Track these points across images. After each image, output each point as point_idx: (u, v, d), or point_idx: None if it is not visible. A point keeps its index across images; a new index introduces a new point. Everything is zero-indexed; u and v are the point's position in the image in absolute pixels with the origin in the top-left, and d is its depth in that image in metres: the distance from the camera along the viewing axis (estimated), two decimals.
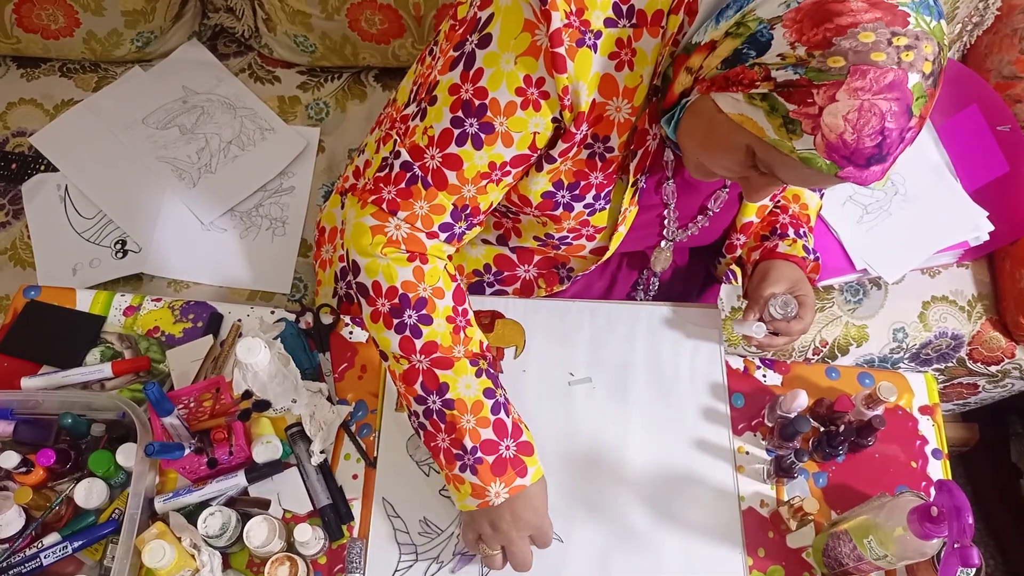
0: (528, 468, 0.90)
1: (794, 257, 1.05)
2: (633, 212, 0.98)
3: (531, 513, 0.90)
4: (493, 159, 0.86)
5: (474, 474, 0.88)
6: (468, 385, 0.89)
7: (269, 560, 0.91)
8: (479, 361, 0.91)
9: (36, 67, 1.60)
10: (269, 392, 0.95)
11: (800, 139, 0.70)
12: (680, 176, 0.98)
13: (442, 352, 0.89)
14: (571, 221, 0.96)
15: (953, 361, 1.47)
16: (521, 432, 0.92)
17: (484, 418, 0.89)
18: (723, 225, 1.09)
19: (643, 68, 0.83)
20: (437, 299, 0.90)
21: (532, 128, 0.84)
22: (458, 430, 0.88)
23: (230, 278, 1.40)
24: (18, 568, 0.90)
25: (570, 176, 0.91)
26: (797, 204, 1.12)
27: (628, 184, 0.93)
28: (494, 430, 0.89)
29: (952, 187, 1.45)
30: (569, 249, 1.03)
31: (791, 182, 0.79)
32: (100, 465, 0.93)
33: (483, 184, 0.88)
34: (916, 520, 0.81)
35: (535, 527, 0.91)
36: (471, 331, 0.92)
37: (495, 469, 0.88)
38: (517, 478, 0.89)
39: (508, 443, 0.90)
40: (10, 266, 1.39)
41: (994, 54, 1.56)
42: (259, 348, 0.92)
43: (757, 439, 1.05)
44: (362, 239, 0.90)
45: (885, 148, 0.69)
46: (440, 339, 0.89)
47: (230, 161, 1.49)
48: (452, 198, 0.89)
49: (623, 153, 0.90)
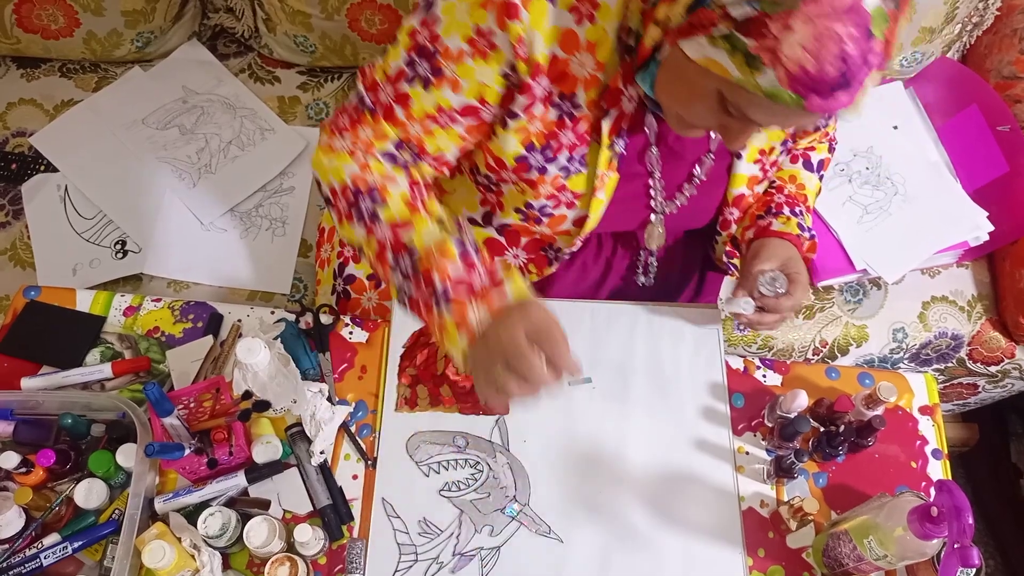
0: (506, 287, 0.84)
1: (788, 235, 1.03)
2: (613, 179, 0.97)
3: (524, 323, 0.80)
4: (440, 103, 0.89)
5: (448, 311, 0.83)
6: (430, 233, 0.88)
7: (269, 560, 0.91)
8: (443, 219, 0.90)
9: (36, 67, 1.60)
10: (269, 392, 0.95)
11: (763, 75, 0.69)
12: (664, 143, 0.97)
13: (402, 222, 0.89)
14: (548, 186, 0.96)
15: (953, 361, 1.47)
16: (494, 261, 0.87)
17: (451, 256, 0.85)
18: (714, 202, 1.07)
19: (606, 22, 0.84)
20: (390, 184, 0.92)
21: (479, 78, 0.87)
22: (429, 274, 0.85)
23: (230, 278, 1.40)
24: (18, 568, 0.90)
25: (541, 138, 0.92)
26: (794, 184, 1.11)
27: (603, 146, 0.93)
28: (462, 263, 0.85)
29: (952, 187, 1.45)
30: (551, 222, 1.01)
31: (765, 122, 0.77)
32: (100, 465, 0.93)
33: (429, 125, 0.91)
34: (916, 520, 0.81)
35: (538, 331, 0.80)
36: (432, 205, 0.92)
37: (470, 296, 0.83)
38: (495, 297, 0.83)
39: (479, 272, 0.85)
40: (10, 266, 1.39)
41: (994, 54, 1.56)
42: (259, 348, 0.92)
43: (757, 439, 1.05)
44: (316, 156, 0.96)
45: (848, 74, 0.68)
46: (399, 215, 0.90)
47: (230, 161, 1.49)
48: (397, 131, 0.92)
49: (594, 112, 0.90)
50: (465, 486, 1.00)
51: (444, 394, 1.05)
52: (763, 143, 1.00)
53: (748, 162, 1.01)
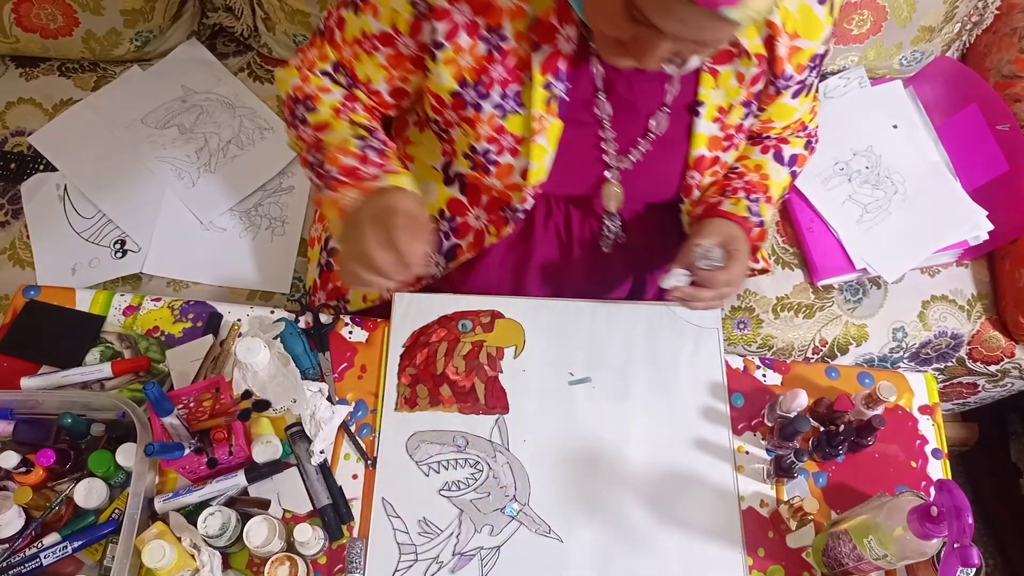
0: (385, 177, 0.91)
1: (734, 215, 1.02)
2: (556, 125, 0.97)
3: (390, 198, 0.86)
4: (364, 27, 0.97)
5: (329, 190, 0.93)
6: (341, 133, 0.97)
7: (269, 560, 0.91)
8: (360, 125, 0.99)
9: (35, 66, 1.59)
10: (269, 392, 0.95)
11: None
12: (614, 93, 0.97)
13: (323, 125, 0.99)
14: (486, 126, 0.97)
15: (953, 360, 1.47)
16: (388, 160, 0.95)
17: (348, 150, 0.94)
18: (675, 166, 1.05)
19: None
20: (323, 94, 1.01)
21: (392, 4, 0.93)
22: (326, 162, 0.95)
23: (229, 278, 1.39)
24: (18, 568, 0.90)
25: (473, 73, 0.94)
26: (757, 173, 1.10)
27: (536, 84, 0.93)
28: (358, 160, 0.94)
29: (951, 186, 1.45)
30: (499, 171, 1.01)
31: (668, 27, 0.77)
32: (100, 465, 0.93)
33: (357, 50, 0.99)
34: (916, 520, 0.81)
35: (395, 213, 0.83)
36: (357, 116, 1.00)
37: (350, 183, 0.92)
38: (368, 182, 0.91)
39: (370, 168, 0.93)
40: (9, 266, 1.39)
41: (993, 53, 1.56)
42: (259, 348, 0.92)
43: (757, 439, 1.05)
44: (276, 72, 1.08)
45: None
46: (323, 119, 0.99)
47: (229, 160, 1.49)
48: (335, 53, 1.02)
49: (523, 46, 0.92)
50: (465, 486, 1.00)
51: (444, 394, 1.05)
52: (721, 100, 0.99)
53: (707, 120, 1.00)
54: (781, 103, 1.05)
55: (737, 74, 0.97)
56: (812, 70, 1.02)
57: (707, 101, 0.99)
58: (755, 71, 0.97)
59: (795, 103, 1.06)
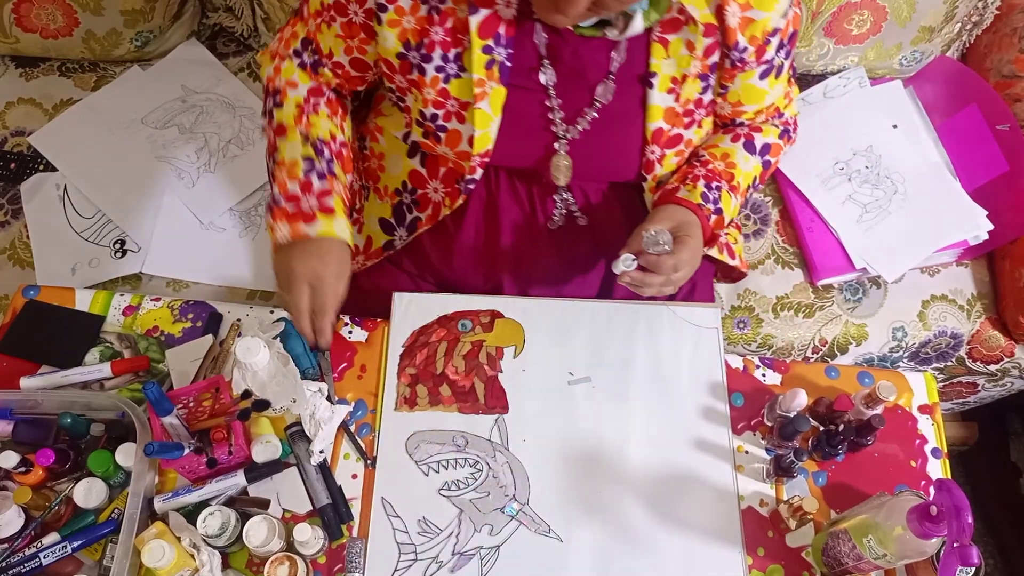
0: (317, 221, 0.98)
1: (688, 202, 1.02)
2: (499, 91, 0.98)
3: (312, 261, 0.97)
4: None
5: (269, 213, 1.01)
6: (293, 149, 1.03)
7: (269, 560, 0.91)
8: (312, 139, 1.04)
9: (35, 67, 1.59)
10: (268, 392, 0.95)
11: None
12: (560, 61, 0.98)
13: (284, 127, 1.05)
14: (431, 90, 0.99)
15: (952, 360, 1.47)
16: (329, 195, 1.01)
17: (294, 175, 1.01)
18: (631, 140, 1.04)
19: None
20: (289, 88, 1.07)
21: None
22: (275, 182, 1.02)
23: (229, 277, 1.39)
24: (17, 568, 0.90)
25: (415, 35, 0.97)
26: (724, 162, 1.09)
27: (475, 47, 0.94)
28: (300, 187, 1.00)
29: (951, 186, 1.45)
30: (448, 139, 1.03)
31: None
32: (99, 465, 0.93)
33: (318, 22, 1.04)
34: (915, 519, 0.81)
35: (313, 276, 0.97)
36: (315, 118, 1.06)
37: (289, 217, 0.99)
38: (302, 223, 0.98)
39: (310, 199, 1.00)
40: (9, 266, 1.39)
41: (993, 53, 1.55)
42: (258, 348, 0.92)
43: (756, 438, 1.05)
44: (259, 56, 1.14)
45: None
46: (284, 120, 1.05)
47: (229, 160, 1.49)
48: (304, 29, 1.07)
49: (460, 8, 0.93)
50: (464, 485, 1.00)
51: (443, 393, 1.05)
52: (673, 70, 0.99)
53: (661, 92, 1.00)
54: (749, 84, 1.04)
55: (687, 43, 0.97)
56: (779, 49, 1.01)
57: (659, 71, 0.99)
58: (707, 42, 0.97)
59: (764, 85, 1.05)
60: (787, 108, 1.15)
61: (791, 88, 1.14)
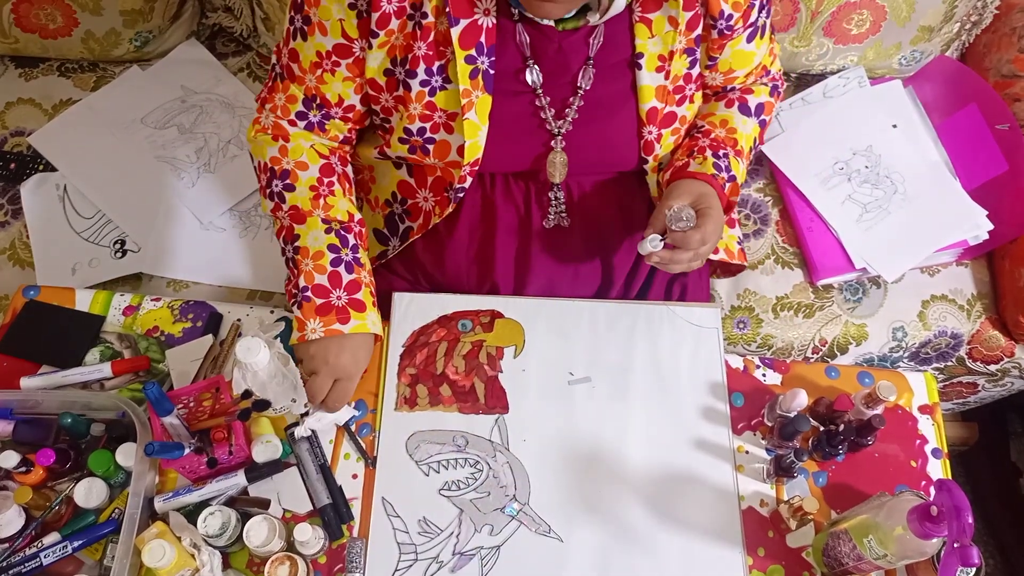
0: (351, 320, 1.00)
1: (702, 175, 1.02)
2: (485, 99, 0.98)
3: (344, 357, 0.99)
4: (318, 48, 0.99)
5: (299, 309, 1.00)
6: (316, 238, 1.02)
7: (269, 560, 0.91)
8: (334, 224, 1.04)
9: (34, 67, 1.59)
10: (269, 392, 0.95)
11: None
12: (543, 60, 0.99)
13: (302, 212, 1.03)
14: (417, 105, 0.99)
15: (952, 360, 1.47)
16: (359, 289, 1.02)
17: (321, 266, 1.01)
18: (626, 126, 1.04)
19: None
20: (300, 171, 1.04)
21: (336, 15, 0.95)
22: (299, 273, 1.02)
23: (229, 277, 1.39)
24: (18, 568, 0.90)
25: (402, 51, 0.97)
26: (724, 128, 1.10)
27: (458, 58, 0.95)
28: (328, 279, 1.01)
29: (951, 186, 1.45)
30: (436, 151, 1.03)
31: None
32: (100, 465, 0.93)
33: (319, 73, 1.01)
34: (916, 519, 0.81)
35: (343, 373, 0.99)
36: (333, 200, 1.05)
37: (319, 310, 0.99)
38: (337, 323, 0.99)
39: (340, 294, 1.01)
40: (9, 266, 1.39)
41: (993, 53, 1.55)
42: (259, 348, 0.92)
43: (757, 438, 1.05)
44: (248, 131, 1.09)
45: None
46: (301, 204, 1.03)
47: (229, 160, 1.49)
48: (301, 88, 1.04)
49: (441, 21, 0.94)
50: (465, 485, 1.00)
51: (444, 393, 1.05)
52: (660, 49, 0.99)
53: (650, 72, 1.00)
54: (739, 49, 1.05)
55: (670, 19, 0.97)
56: (761, 10, 1.02)
57: (646, 52, 0.99)
58: (688, 15, 0.97)
59: (751, 47, 1.06)
60: (772, 64, 1.16)
61: (773, 44, 1.15)
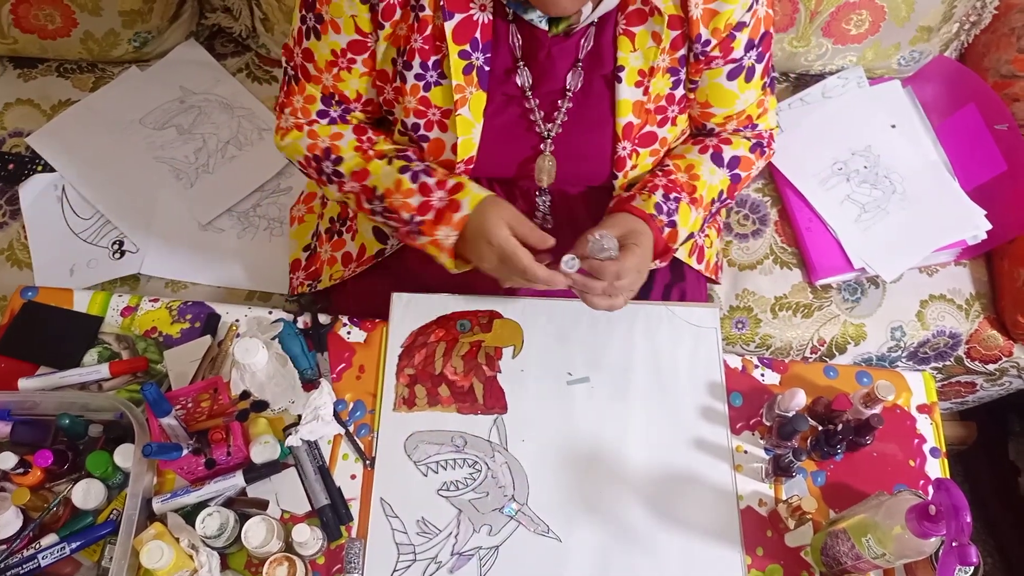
0: (460, 202, 0.96)
1: (640, 211, 1.00)
2: (479, 96, 0.98)
3: (481, 245, 0.95)
4: (332, 47, 0.98)
5: (424, 235, 0.98)
6: (387, 175, 1.00)
7: (267, 560, 0.91)
8: (389, 154, 1.03)
9: (33, 67, 1.59)
10: (267, 392, 0.95)
11: None
12: (534, 61, 0.99)
13: (362, 168, 1.02)
14: (411, 99, 0.99)
15: (951, 360, 1.47)
16: (446, 181, 0.99)
17: (408, 190, 0.98)
18: (603, 139, 1.04)
19: None
20: (337, 141, 1.04)
21: (348, 11, 0.95)
22: (398, 210, 0.99)
23: (228, 278, 1.39)
24: (16, 569, 0.90)
25: (403, 42, 0.97)
26: (687, 173, 1.07)
27: (452, 53, 0.95)
28: (420, 192, 0.98)
29: (950, 186, 1.45)
30: (431, 148, 1.03)
31: None
32: (98, 466, 0.93)
33: (335, 71, 1.01)
34: (914, 519, 0.81)
35: (498, 257, 0.94)
36: (379, 146, 1.04)
37: (436, 221, 0.97)
38: (455, 215, 0.96)
39: (439, 194, 0.98)
40: (7, 266, 1.39)
41: (992, 53, 1.56)
42: (257, 348, 0.92)
43: (755, 438, 1.05)
44: (275, 139, 1.08)
45: None
46: (356, 165, 1.02)
47: (228, 161, 1.49)
48: (318, 88, 1.03)
49: (438, 15, 0.94)
50: (463, 486, 1.00)
51: (442, 394, 1.05)
52: (641, 63, 0.99)
53: (629, 85, 1.00)
54: (717, 84, 1.03)
55: (653, 34, 0.97)
56: (749, 50, 1.00)
57: (627, 65, 0.99)
58: (673, 34, 0.97)
59: (733, 87, 1.04)
60: (761, 119, 1.11)
61: (766, 98, 1.10)
